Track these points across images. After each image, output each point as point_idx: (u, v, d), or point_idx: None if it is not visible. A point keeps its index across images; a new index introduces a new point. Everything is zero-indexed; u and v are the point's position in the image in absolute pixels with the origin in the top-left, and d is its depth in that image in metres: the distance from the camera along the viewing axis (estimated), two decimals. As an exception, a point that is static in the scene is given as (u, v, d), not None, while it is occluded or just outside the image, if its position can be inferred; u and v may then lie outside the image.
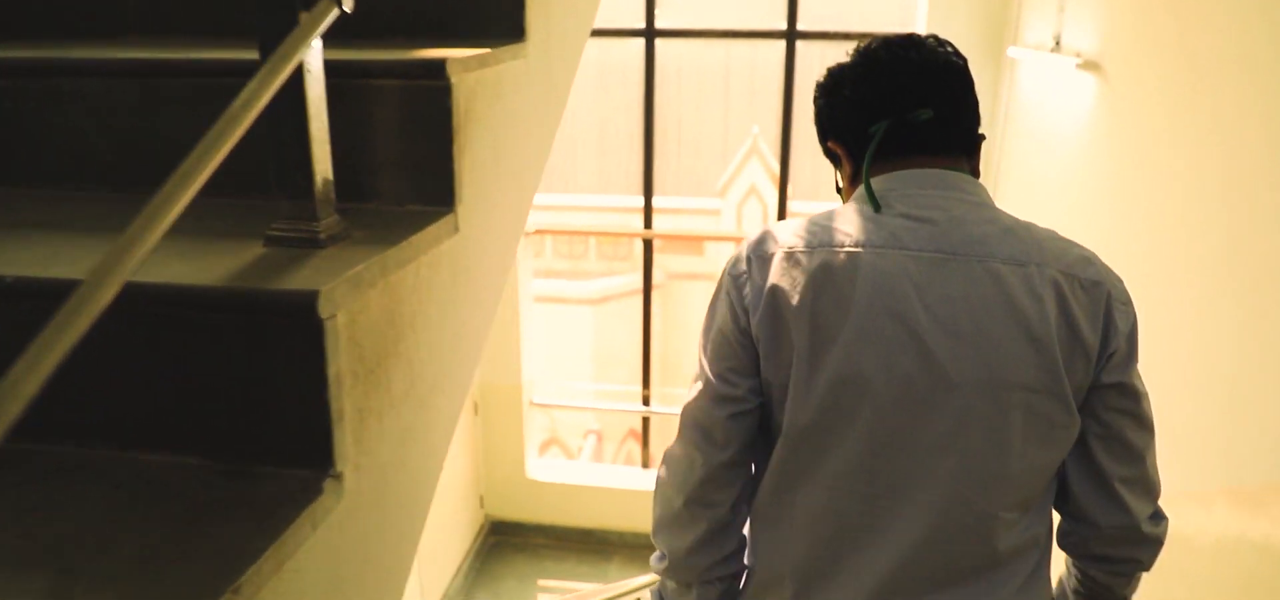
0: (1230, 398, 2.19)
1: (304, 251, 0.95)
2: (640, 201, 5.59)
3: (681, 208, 14.08)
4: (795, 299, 1.00)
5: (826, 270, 0.99)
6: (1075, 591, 1.21)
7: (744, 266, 1.06)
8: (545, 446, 12.50)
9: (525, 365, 5.82)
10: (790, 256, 1.02)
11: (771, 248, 1.04)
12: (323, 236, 0.97)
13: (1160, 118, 2.63)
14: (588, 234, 14.58)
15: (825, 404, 1.00)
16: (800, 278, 1.00)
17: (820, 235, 1.03)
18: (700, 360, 1.11)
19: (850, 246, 1.00)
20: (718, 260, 15.56)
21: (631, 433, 10.66)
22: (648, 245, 5.74)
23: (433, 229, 1.10)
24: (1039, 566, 1.09)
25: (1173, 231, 2.53)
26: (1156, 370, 2.64)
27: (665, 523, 1.15)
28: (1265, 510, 2.02)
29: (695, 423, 1.10)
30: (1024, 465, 1.00)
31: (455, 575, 5.46)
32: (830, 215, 1.06)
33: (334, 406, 0.87)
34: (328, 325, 0.84)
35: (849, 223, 1.03)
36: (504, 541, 6.15)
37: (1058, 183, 3.49)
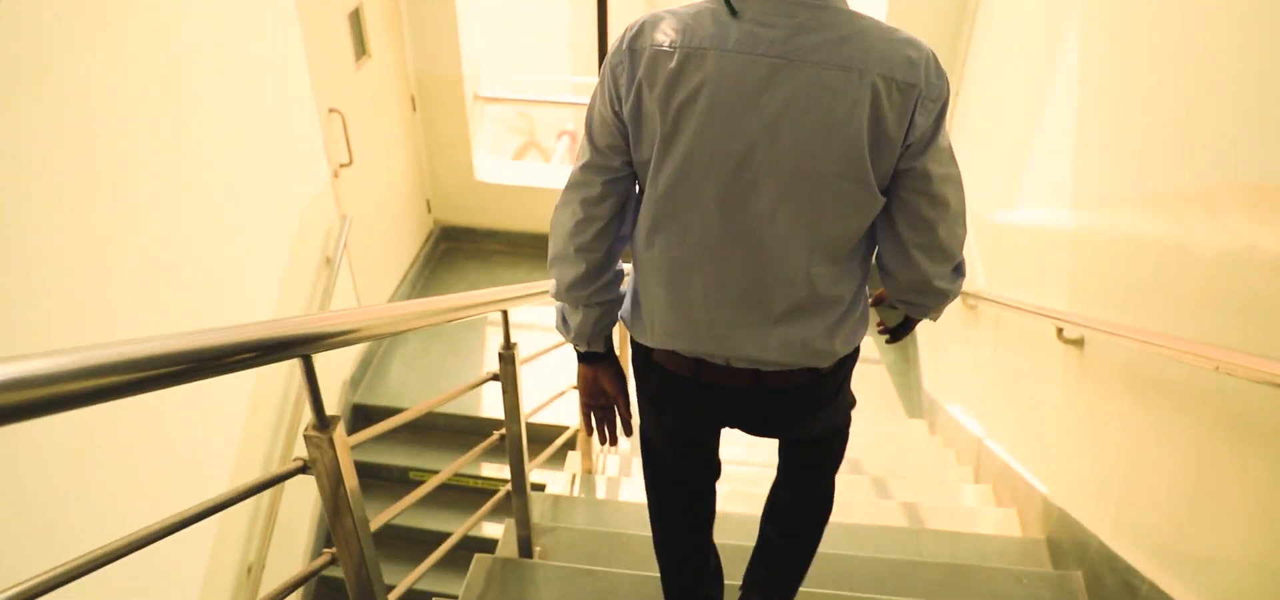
0: (1267, 76, 1.67)
1: None
2: None
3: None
4: (657, 91, 1.17)
5: (683, 67, 1.16)
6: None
7: (620, 58, 1.20)
8: (523, 150, 11.95)
9: (465, 53, 5.17)
10: (656, 53, 1.17)
11: (643, 43, 1.19)
12: None
13: None
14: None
15: (675, 179, 1.22)
16: (662, 73, 1.16)
17: (684, 35, 1.17)
18: (584, 133, 1.31)
19: (706, 46, 1.15)
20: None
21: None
22: (600, -92, 4.86)
23: None
24: (850, 310, 1.34)
25: None
26: (1176, 52, 2.15)
27: (556, 261, 1.40)
28: (1289, 214, 1.59)
29: (579, 186, 1.32)
30: (833, 232, 1.23)
31: (401, 283, 5.18)
32: (697, 15, 1.18)
33: None
34: None
35: (708, 24, 1.17)
36: (455, 248, 5.85)
37: None
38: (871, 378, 4.98)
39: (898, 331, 1.62)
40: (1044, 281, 2.84)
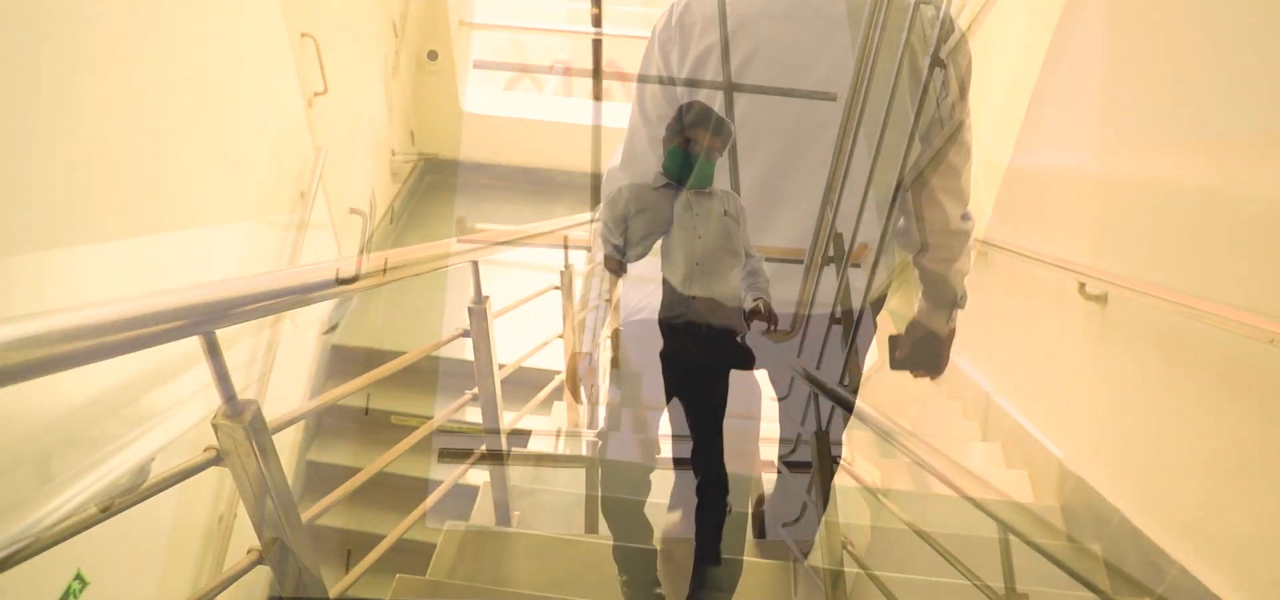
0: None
1: None
2: None
3: None
4: (711, 60, 1.27)
5: (736, 35, 1.25)
6: (924, 295, 1.58)
7: (670, 34, 1.33)
8: (515, 81, 11.61)
9: (449, -25, 4.86)
10: (707, 25, 1.27)
11: (692, 18, 1.30)
12: None
13: None
14: None
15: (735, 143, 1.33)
16: (715, 44, 1.26)
17: (733, 6, 1.25)
18: (635, 107, 1.41)
19: (757, 15, 1.26)
20: None
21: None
22: None
23: None
24: (883, 255, 1.44)
25: None
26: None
27: (609, 225, 1.41)
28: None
29: (635, 156, 1.43)
30: (881, 179, 1.34)
31: (382, 218, 4.96)
32: None
33: None
34: None
35: None
36: (440, 181, 5.60)
37: None
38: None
39: (933, 357, 1.66)
40: (1064, 230, 2.64)
